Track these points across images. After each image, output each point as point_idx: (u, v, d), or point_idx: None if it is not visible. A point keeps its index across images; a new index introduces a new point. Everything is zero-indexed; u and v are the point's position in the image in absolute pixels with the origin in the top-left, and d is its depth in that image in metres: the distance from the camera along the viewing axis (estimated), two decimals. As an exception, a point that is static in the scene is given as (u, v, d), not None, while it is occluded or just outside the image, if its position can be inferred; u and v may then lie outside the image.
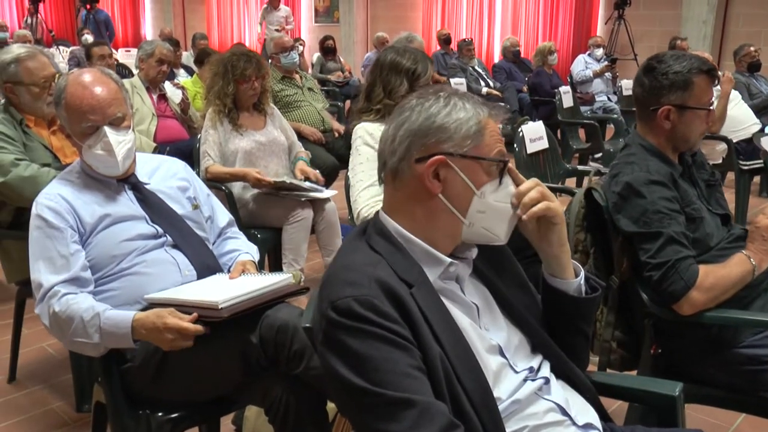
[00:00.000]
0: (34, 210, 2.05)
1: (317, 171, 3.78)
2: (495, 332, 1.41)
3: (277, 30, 10.52)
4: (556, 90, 8.09)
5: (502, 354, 1.39)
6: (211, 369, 1.90)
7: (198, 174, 3.67)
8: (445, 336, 1.27)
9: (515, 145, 3.92)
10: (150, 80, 4.72)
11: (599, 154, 6.96)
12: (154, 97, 4.72)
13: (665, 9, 10.14)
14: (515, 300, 1.47)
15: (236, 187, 3.62)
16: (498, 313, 1.44)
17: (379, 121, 2.80)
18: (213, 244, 2.32)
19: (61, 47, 14.00)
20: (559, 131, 6.86)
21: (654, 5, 10.33)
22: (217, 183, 3.62)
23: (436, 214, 1.36)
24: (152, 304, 1.93)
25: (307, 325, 1.44)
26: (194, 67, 7.25)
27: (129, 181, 2.18)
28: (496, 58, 11.73)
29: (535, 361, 1.44)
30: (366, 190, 2.74)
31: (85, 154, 2.10)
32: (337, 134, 5.22)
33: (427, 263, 1.36)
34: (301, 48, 10.57)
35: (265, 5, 11.99)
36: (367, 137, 2.77)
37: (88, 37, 9.65)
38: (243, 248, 2.32)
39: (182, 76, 7.35)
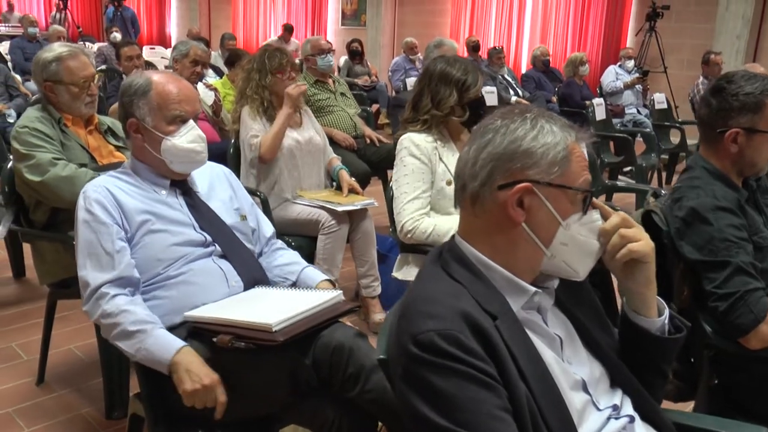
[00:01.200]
0: (81, 202, 2.00)
1: (353, 179, 3.72)
2: (578, 366, 1.33)
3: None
4: (586, 101, 8.03)
5: (585, 390, 1.31)
6: (258, 388, 1.83)
7: (251, 163, 3.60)
8: (530, 372, 1.20)
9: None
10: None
11: (628, 168, 6.86)
12: (187, 98, 4.67)
13: (698, 22, 10.00)
14: (595, 332, 1.39)
15: (271, 195, 3.55)
16: (580, 346, 1.36)
17: (425, 131, 2.73)
18: (259, 256, 2.26)
19: (87, 43, 14.10)
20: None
21: (687, 18, 10.18)
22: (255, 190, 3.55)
23: (517, 243, 1.28)
24: (196, 324, 1.86)
25: (382, 356, 1.36)
26: (223, 68, 7.22)
27: (181, 185, 2.13)
28: (524, 66, 11.63)
29: (617, 398, 1.36)
30: (410, 203, 2.67)
31: (164, 146, 2.06)
32: (368, 140, 5.15)
33: (509, 292, 1.28)
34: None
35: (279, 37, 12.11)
36: (413, 148, 2.70)
37: (117, 35, 9.63)
38: (297, 260, 2.28)
39: (211, 77, 7.30)
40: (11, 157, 2.88)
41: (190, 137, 2.07)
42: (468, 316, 1.17)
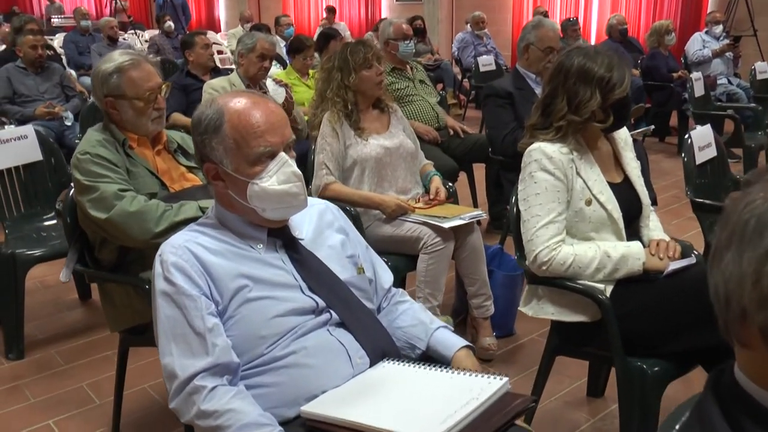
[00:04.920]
0: (157, 267, 1.58)
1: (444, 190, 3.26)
2: None
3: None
4: (672, 74, 7.39)
5: None
6: None
7: (309, 190, 3.19)
8: None
9: (683, 155, 3.31)
10: (250, 77, 4.27)
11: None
12: (255, 96, 4.24)
13: (791, -22, 9.19)
14: None
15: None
16: None
17: (560, 141, 2.25)
18: (377, 311, 1.83)
19: (138, 31, 13.84)
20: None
21: (777, -26, 9.36)
22: (337, 202, 3.12)
23: None
24: (318, 424, 1.43)
25: None
26: (284, 56, 6.80)
27: (282, 235, 1.70)
28: (593, 38, 10.93)
29: None
30: (545, 229, 2.20)
31: (251, 192, 1.62)
32: (452, 131, 4.67)
33: None
34: (388, 28, 10.02)
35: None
36: (546, 161, 2.22)
37: (171, 24, 9.28)
38: (423, 318, 1.83)
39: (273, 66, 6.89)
40: (72, 185, 2.49)
41: (282, 176, 1.62)
42: None
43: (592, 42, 10.53)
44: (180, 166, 2.56)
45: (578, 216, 2.24)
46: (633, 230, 2.36)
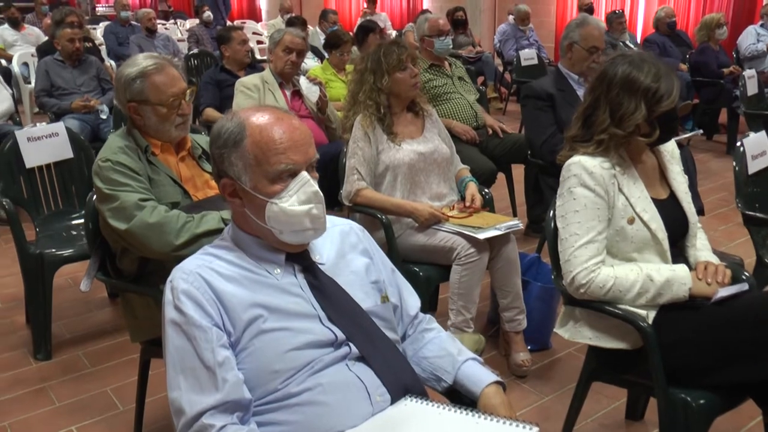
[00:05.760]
0: (167, 295, 1.49)
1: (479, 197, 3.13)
2: None
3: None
4: (723, 69, 7.12)
5: None
6: None
7: (340, 195, 3.11)
8: None
9: (734, 165, 3.12)
10: (280, 73, 4.16)
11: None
12: (288, 93, 4.15)
13: None
14: None
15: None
16: None
17: (601, 154, 2.11)
18: (402, 338, 1.72)
19: (178, 20, 13.90)
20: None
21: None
22: (368, 210, 3.02)
23: None
24: None
25: None
26: (322, 50, 6.70)
27: (301, 259, 1.59)
28: (639, 31, 10.63)
29: None
30: (583, 249, 2.07)
31: (269, 212, 1.52)
32: (490, 131, 4.53)
33: None
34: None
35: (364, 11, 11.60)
36: (585, 176, 2.08)
37: (210, 14, 9.25)
38: (450, 349, 1.71)
39: (309, 58, 6.81)
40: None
41: (303, 196, 1.52)
42: None
43: (638, 36, 10.22)
44: (204, 173, 2.48)
45: (620, 235, 2.10)
46: (678, 250, 2.22)
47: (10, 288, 3.97)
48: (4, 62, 8.31)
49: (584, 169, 2.09)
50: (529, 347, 3.06)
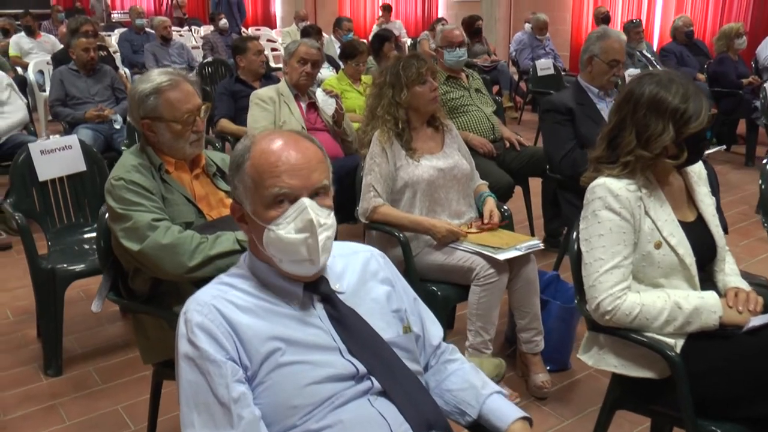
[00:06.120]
0: (181, 327, 1.44)
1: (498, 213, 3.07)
2: None
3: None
4: (742, 80, 7.02)
5: None
6: None
7: (356, 212, 3.05)
8: None
9: (760, 183, 3.04)
10: (296, 85, 4.11)
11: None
12: (303, 106, 4.10)
13: None
14: None
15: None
16: None
17: (627, 177, 2.04)
18: (424, 369, 1.66)
19: (193, 27, 13.92)
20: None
21: None
22: (385, 227, 2.96)
23: None
24: None
25: None
26: (337, 59, 6.66)
27: (319, 288, 1.53)
28: (656, 39, 10.53)
29: None
30: (608, 274, 2.00)
31: (267, 238, 1.47)
32: (507, 143, 4.46)
33: None
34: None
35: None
36: (611, 200, 2.02)
37: (225, 21, 9.24)
38: (474, 381, 1.64)
39: (324, 67, 6.76)
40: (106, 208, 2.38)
41: (299, 224, 1.44)
42: None
43: (655, 44, 10.12)
44: (219, 191, 2.43)
45: (646, 260, 2.03)
46: (706, 274, 2.15)
47: (22, 300, 3.94)
48: (20, 70, 8.32)
49: (609, 192, 2.02)
50: (548, 368, 3.00)
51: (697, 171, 2.21)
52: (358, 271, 1.62)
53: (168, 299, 2.26)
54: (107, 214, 2.35)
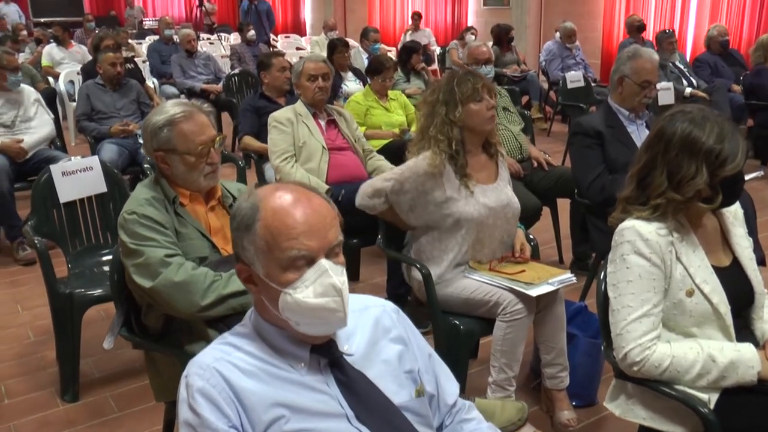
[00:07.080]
0: (182, 392, 1.38)
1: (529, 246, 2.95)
2: None
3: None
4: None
5: None
6: None
7: (378, 241, 2.96)
8: None
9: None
10: (312, 103, 4.01)
11: None
12: (322, 123, 4.01)
13: None
14: None
15: (432, 262, 2.85)
16: None
17: (658, 219, 1.93)
18: (438, 430, 1.58)
19: (223, 35, 13.97)
20: None
21: None
22: (405, 257, 2.88)
23: None
24: None
25: None
26: (363, 72, 6.58)
27: (327, 351, 1.45)
28: (689, 49, 10.31)
29: None
30: (637, 323, 1.90)
31: (283, 303, 1.39)
32: (535, 163, 4.36)
33: None
34: (473, 38, 9.70)
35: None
36: (640, 244, 1.92)
37: (253, 33, 9.22)
38: None
39: (350, 80, 6.70)
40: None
41: (319, 288, 1.37)
42: None
43: (688, 55, 9.91)
44: (234, 223, 2.37)
45: (677, 308, 1.93)
46: (743, 321, 2.03)
47: (42, 320, 3.92)
48: (51, 81, 8.39)
49: (639, 236, 1.92)
50: (573, 403, 2.89)
51: (733, 211, 2.09)
52: (369, 329, 1.54)
53: (180, 336, 2.21)
54: (120, 249, 2.30)
